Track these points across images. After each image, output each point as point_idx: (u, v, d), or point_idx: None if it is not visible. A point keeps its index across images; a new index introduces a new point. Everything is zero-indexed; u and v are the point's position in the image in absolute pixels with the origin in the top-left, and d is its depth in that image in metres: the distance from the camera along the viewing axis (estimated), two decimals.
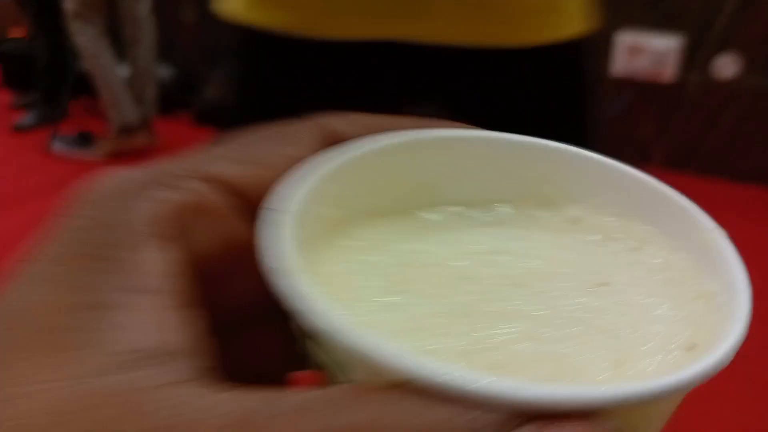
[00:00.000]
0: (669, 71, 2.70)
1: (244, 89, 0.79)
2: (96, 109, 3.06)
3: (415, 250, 0.16)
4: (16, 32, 3.51)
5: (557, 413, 0.11)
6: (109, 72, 2.67)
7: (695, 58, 2.66)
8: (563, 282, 0.16)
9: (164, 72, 3.17)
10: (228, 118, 0.84)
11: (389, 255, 0.16)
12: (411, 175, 0.17)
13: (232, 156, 0.16)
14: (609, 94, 2.77)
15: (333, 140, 0.17)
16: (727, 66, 2.63)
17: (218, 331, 0.15)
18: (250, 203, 0.16)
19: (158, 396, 0.12)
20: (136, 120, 2.73)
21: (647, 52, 2.71)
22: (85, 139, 2.74)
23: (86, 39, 2.56)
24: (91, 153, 2.70)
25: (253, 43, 0.75)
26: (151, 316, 0.13)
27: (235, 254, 0.16)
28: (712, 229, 0.16)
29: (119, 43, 2.76)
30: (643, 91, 2.76)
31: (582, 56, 0.76)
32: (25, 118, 3.00)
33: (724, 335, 0.13)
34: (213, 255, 0.16)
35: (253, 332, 0.17)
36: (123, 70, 2.97)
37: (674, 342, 0.14)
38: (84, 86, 2.74)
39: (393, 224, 0.17)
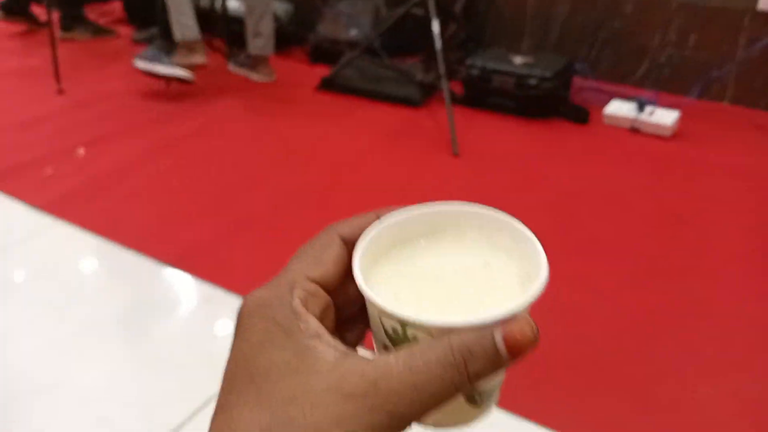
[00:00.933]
0: None
1: None
2: (212, 45, 3.10)
3: (402, 267, 0.34)
4: None
5: (505, 320, 0.28)
6: None
7: None
8: (470, 265, 0.34)
9: (280, 8, 3.15)
10: None
11: (396, 271, 0.34)
12: (391, 236, 0.35)
13: (310, 264, 0.32)
14: (754, 31, 2.51)
15: (344, 236, 0.34)
16: None
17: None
18: (323, 284, 0.32)
19: (361, 366, 0.28)
20: (194, 38, 2.66)
21: None
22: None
23: None
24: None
25: None
26: (330, 344, 0.29)
27: (328, 308, 0.32)
28: (524, 229, 0.33)
29: None
30: None
31: None
32: (145, 51, 3.07)
33: (540, 273, 0.31)
34: (320, 311, 0.31)
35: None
36: (238, 5, 2.97)
37: (522, 278, 0.32)
38: (204, 22, 2.75)
39: (390, 256, 0.35)
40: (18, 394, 1.30)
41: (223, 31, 3.13)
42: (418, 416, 0.27)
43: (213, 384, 1.41)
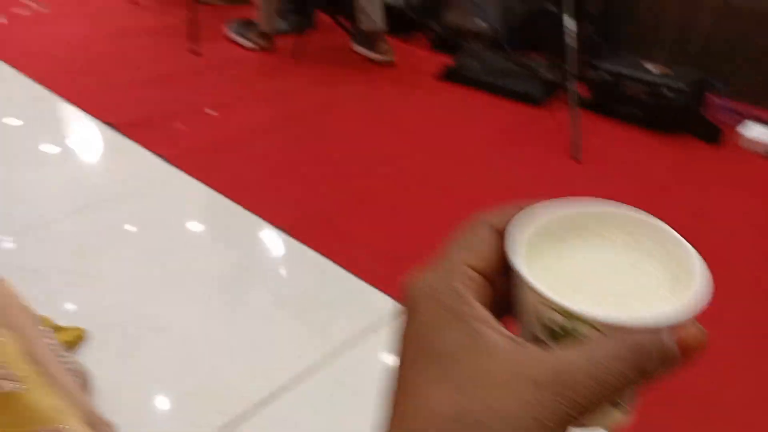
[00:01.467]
0: None
1: None
2: (337, 20, 3.13)
3: (550, 263, 0.34)
4: None
5: (675, 323, 0.29)
6: None
7: None
8: (617, 265, 0.34)
9: None
10: None
11: (545, 266, 0.33)
12: (550, 228, 0.35)
13: (468, 252, 0.32)
14: None
15: (495, 226, 0.34)
16: None
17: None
18: (483, 272, 0.32)
19: (540, 354, 0.28)
20: (269, 30, 2.98)
21: None
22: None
23: None
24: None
25: None
26: (499, 329, 0.29)
27: (487, 296, 0.32)
28: (672, 232, 0.34)
29: None
30: None
31: None
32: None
33: (700, 279, 0.31)
34: (481, 298, 0.31)
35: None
36: None
37: (671, 282, 0.32)
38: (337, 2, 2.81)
39: (538, 252, 0.34)
40: (135, 332, 1.36)
41: (348, 9, 3.17)
42: (594, 410, 0.28)
43: (312, 353, 1.41)
